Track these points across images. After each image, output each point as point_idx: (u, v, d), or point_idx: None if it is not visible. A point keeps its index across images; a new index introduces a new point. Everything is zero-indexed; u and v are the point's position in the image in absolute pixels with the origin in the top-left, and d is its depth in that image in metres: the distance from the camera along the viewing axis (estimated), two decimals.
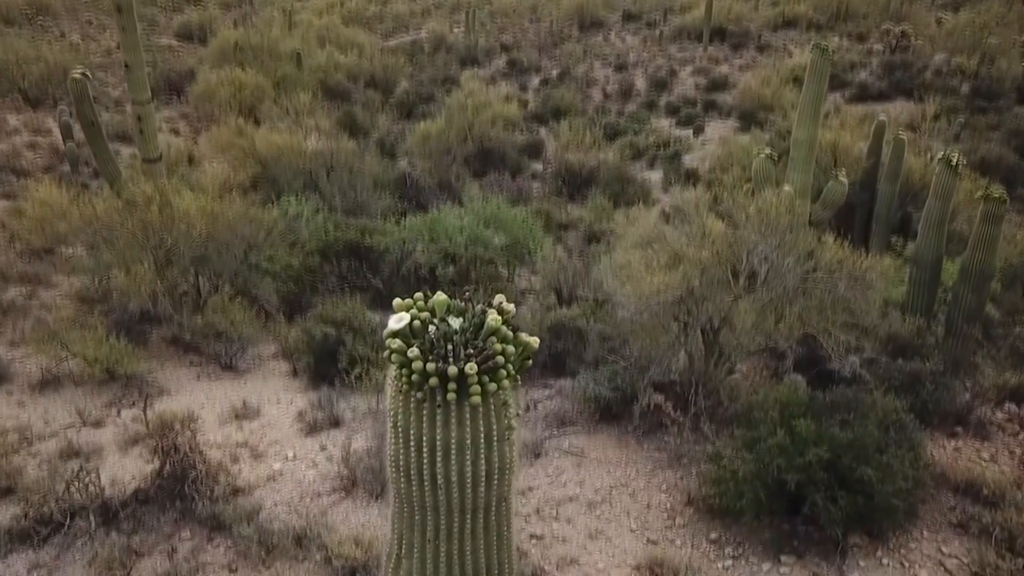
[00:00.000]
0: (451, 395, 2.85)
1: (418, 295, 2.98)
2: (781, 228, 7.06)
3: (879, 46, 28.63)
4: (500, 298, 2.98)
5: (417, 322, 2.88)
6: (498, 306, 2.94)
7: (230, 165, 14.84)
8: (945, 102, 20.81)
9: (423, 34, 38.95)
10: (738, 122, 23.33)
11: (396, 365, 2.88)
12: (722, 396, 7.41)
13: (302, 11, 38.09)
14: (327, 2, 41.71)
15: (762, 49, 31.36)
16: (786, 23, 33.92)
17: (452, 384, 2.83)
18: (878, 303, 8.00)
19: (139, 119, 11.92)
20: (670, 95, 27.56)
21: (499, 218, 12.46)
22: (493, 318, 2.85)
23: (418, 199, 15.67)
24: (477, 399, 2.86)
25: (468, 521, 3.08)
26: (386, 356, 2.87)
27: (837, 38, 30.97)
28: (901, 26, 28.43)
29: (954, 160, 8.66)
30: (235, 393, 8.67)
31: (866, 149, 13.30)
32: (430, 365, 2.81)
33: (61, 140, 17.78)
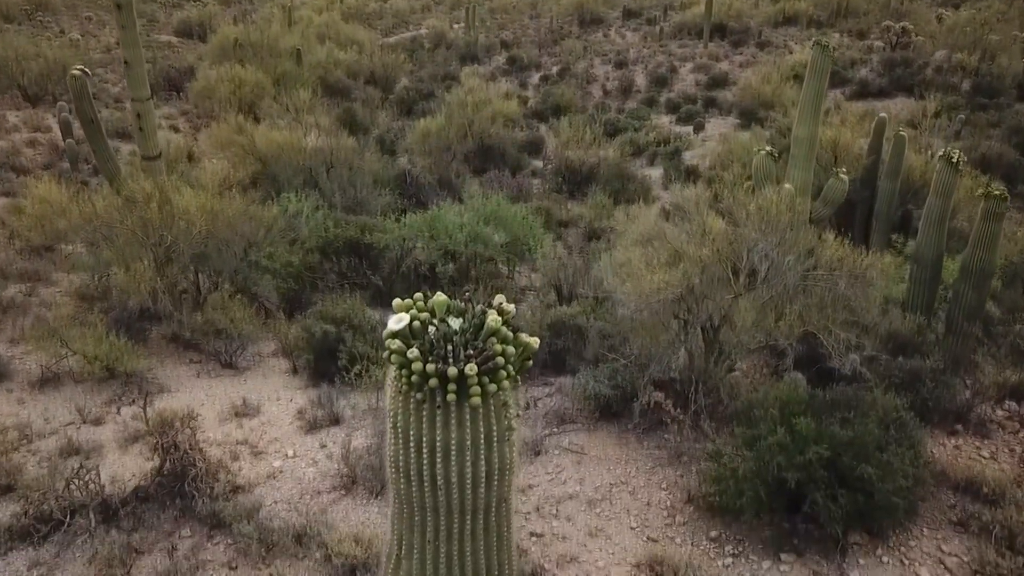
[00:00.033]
0: (451, 396, 2.83)
1: (418, 295, 2.97)
2: (781, 226, 7.05)
3: (880, 43, 28.62)
4: (500, 298, 2.96)
5: (417, 323, 2.86)
6: (498, 307, 2.92)
7: (230, 162, 14.82)
8: (946, 99, 20.80)
9: (423, 31, 38.94)
10: (738, 119, 23.35)
11: (396, 366, 2.86)
12: (722, 394, 7.41)
13: (302, 8, 38.04)
14: None
15: (762, 46, 31.36)
16: (786, 20, 33.92)
17: (452, 385, 2.81)
18: (878, 301, 7.99)
19: (139, 116, 11.91)
20: (670, 92, 27.57)
21: (499, 215, 12.45)
22: (493, 319, 2.83)
23: (418, 196, 15.64)
24: (477, 400, 2.84)
25: (468, 522, 3.06)
26: (386, 357, 2.85)
27: (837, 35, 30.98)
28: (902, 23, 28.43)
29: (955, 157, 8.65)
30: (235, 391, 8.67)
31: (866, 146, 13.29)
32: (430, 366, 2.79)
33: (61, 137, 17.78)
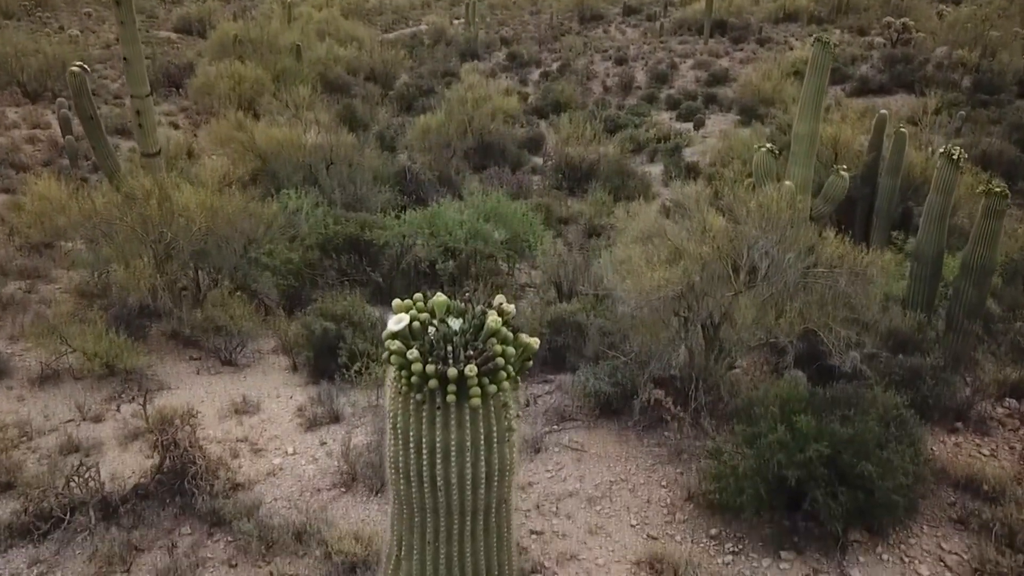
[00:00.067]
0: (451, 397, 2.81)
1: (417, 296, 2.95)
2: (782, 223, 7.04)
3: (880, 39, 28.59)
4: (500, 299, 2.94)
5: (417, 323, 2.84)
6: (498, 307, 2.91)
7: (229, 159, 14.81)
8: (946, 96, 20.76)
9: (423, 27, 38.88)
10: (739, 116, 23.32)
11: (395, 366, 2.85)
12: (722, 392, 7.40)
13: (301, 4, 37.95)
14: None
15: (763, 42, 31.31)
16: (787, 16, 33.87)
17: (452, 386, 2.80)
18: (879, 298, 7.98)
19: (138, 113, 11.90)
20: (670, 88, 27.54)
21: (499, 212, 12.43)
22: (493, 319, 2.81)
23: (418, 193, 15.62)
24: (477, 401, 2.83)
25: (468, 523, 3.05)
26: (385, 358, 2.84)
27: (838, 31, 30.94)
28: (902, 19, 28.39)
29: (955, 155, 8.64)
30: (235, 388, 8.66)
31: (867, 143, 13.28)
32: (430, 367, 2.78)
33: (60, 134, 17.76)
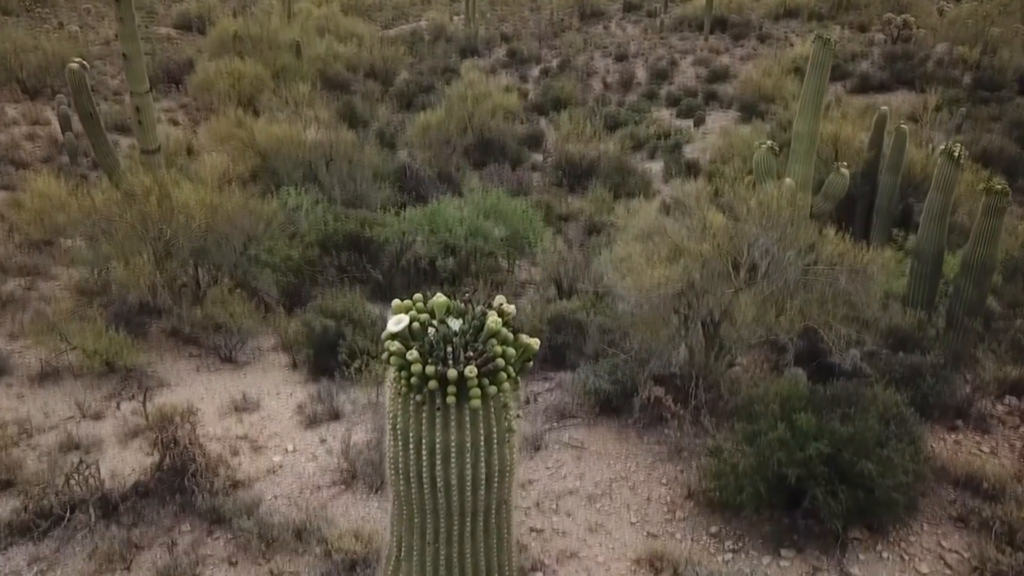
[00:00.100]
0: (451, 398, 2.81)
1: (417, 296, 2.94)
2: (782, 221, 7.03)
3: (881, 36, 28.53)
4: (500, 299, 2.93)
5: (416, 324, 2.83)
6: (498, 307, 2.90)
7: (229, 156, 14.78)
8: (947, 93, 20.71)
9: (423, 24, 38.80)
10: (739, 113, 23.26)
11: (395, 367, 2.84)
12: (722, 389, 7.40)
13: (301, 0, 37.88)
14: None
15: (763, 39, 31.24)
16: (787, 13, 33.78)
17: (452, 387, 2.79)
18: (879, 296, 7.98)
19: (137, 110, 11.88)
20: (671, 85, 27.47)
21: (499, 210, 12.42)
22: (493, 320, 2.81)
23: (418, 190, 15.60)
24: (477, 402, 2.83)
25: (468, 524, 3.05)
26: (385, 359, 2.83)
27: (838, 28, 30.86)
28: (903, 16, 28.32)
29: (956, 152, 8.63)
30: (235, 386, 8.66)
31: (867, 140, 13.27)
32: (429, 368, 2.77)
33: (60, 131, 17.73)
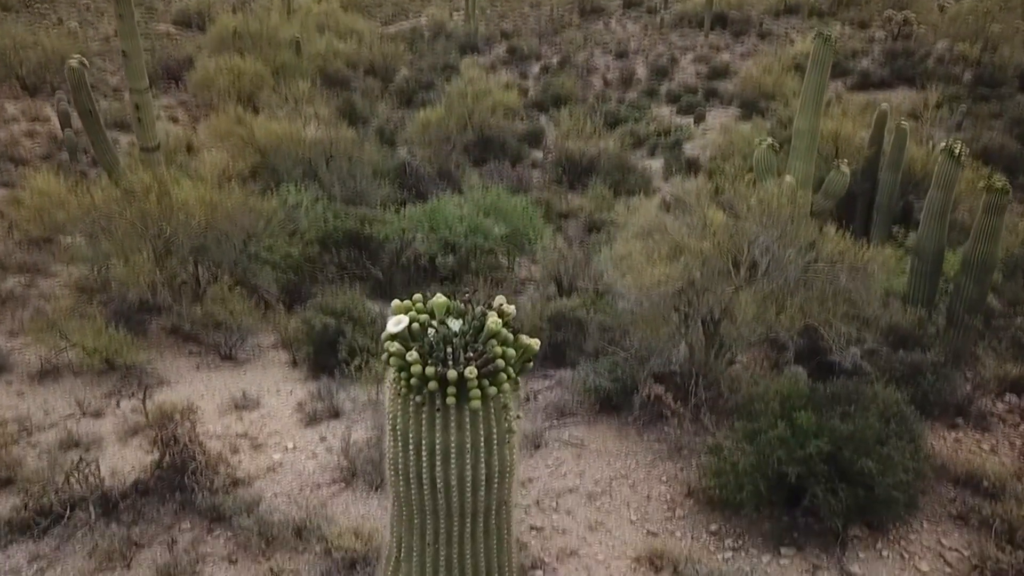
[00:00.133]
0: (451, 399, 2.80)
1: (417, 296, 2.93)
2: (783, 219, 7.03)
3: (881, 33, 28.50)
4: (500, 299, 2.92)
5: (416, 324, 2.82)
6: (498, 308, 2.88)
7: (229, 154, 14.76)
8: (947, 90, 20.69)
9: (423, 21, 38.74)
10: (739, 110, 23.24)
11: (395, 368, 2.83)
12: (722, 387, 7.40)
13: None
14: None
15: (763, 36, 31.22)
16: (788, 10, 33.73)
17: (452, 388, 2.78)
18: (879, 294, 7.97)
19: (137, 107, 11.85)
20: (671, 83, 27.44)
21: (499, 207, 12.41)
22: (493, 320, 2.79)
23: (418, 188, 15.59)
24: (477, 403, 2.81)
25: (468, 525, 3.04)
26: (384, 360, 2.82)
27: (839, 25, 30.81)
28: (903, 13, 28.28)
29: (957, 150, 8.61)
30: (235, 383, 8.66)
31: (868, 138, 13.25)
32: (429, 369, 2.76)
33: (59, 128, 17.71)
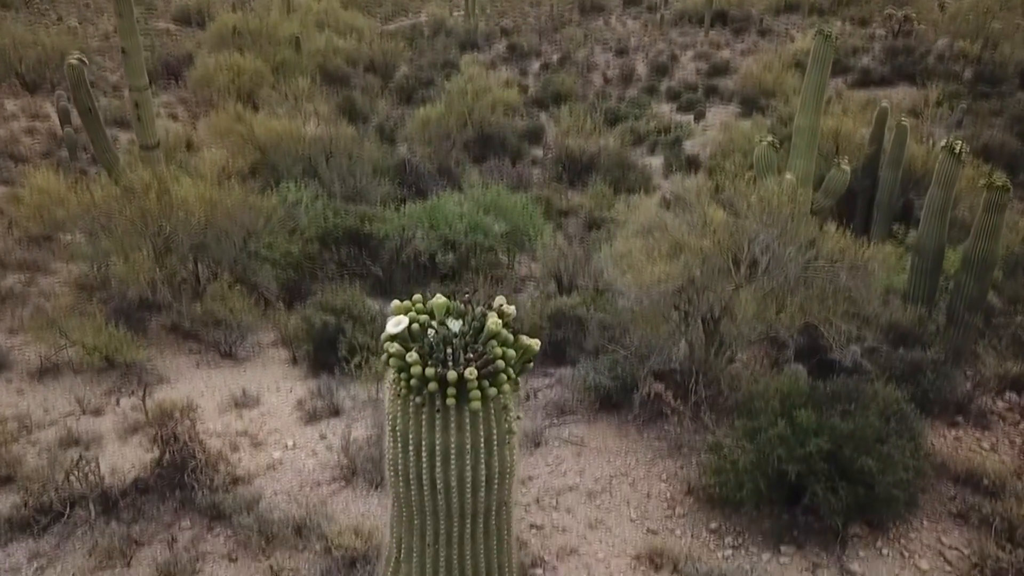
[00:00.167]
0: (451, 400, 2.79)
1: (417, 296, 2.92)
2: (783, 217, 7.01)
3: (881, 31, 28.49)
4: (500, 300, 2.91)
5: (416, 325, 2.81)
6: (498, 308, 2.88)
7: (229, 151, 14.71)
8: (948, 87, 20.68)
9: (423, 18, 38.71)
10: (739, 107, 23.24)
11: (395, 369, 2.82)
12: (723, 385, 7.39)
13: None
14: None
15: (764, 34, 31.21)
16: (788, 7, 33.72)
17: (452, 389, 2.77)
18: (879, 292, 7.97)
19: (136, 105, 11.80)
20: (671, 80, 27.44)
21: (499, 205, 12.40)
22: (493, 321, 2.78)
23: (418, 185, 15.58)
24: (477, 404, 2.81)
25: (468, 525, 3.04)
26: (384, 360, 2.81)
27: (839, 23, 30.80)
28: (904, 10, 28.27)
29: (957, 148, 8.60)
30: (234, 381, 8.65)
31: (868, 136, 13.24)
32: (429, 370, 2.75)
33: (59, 125, 17.69)
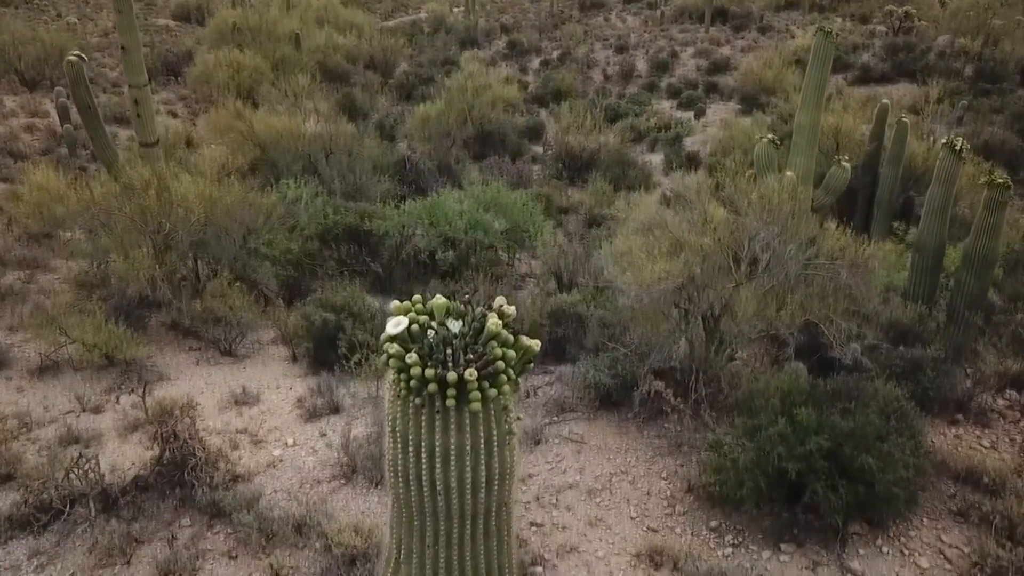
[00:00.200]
0: (450, 401, 2.78)
1: (416, 297, 2.91)
2: (783, 214, 7.01)
3: (882, 27, 28.46)
4: (500, 300, 2.90)
5: (416, 326, 2.80)
6: (498, 309, 2.86)
7: (228, 148, 14.70)
8: (948, 85, 20.66)
9: (422, 15, 38.66)
10: (740, 105, 23.23)
11: (394, 370, 2.81)
12: (723, 383, 7.38)
13: None
14: None
15: (764, 31, 31.18)
16: (788, 4, 33.71)
17: (452, 390, 2.76)
18: (880, 290, 7.96)
19: (136, 102, 11.78)
20: (671, 77, 27.43)
21: (499, 202, 12.39)
22: (493, 322, 2.77)
23: (417, 183, 15.57)
24: (477, 405, 2.79)
25: (468, 526, 3.03)
26: (384, 361, 2.80)
27: (840, 19, 30.76)
28: (904, 7, 28.24)
29: (958, 145, 8.59)
30: (234, 379, 8.65)
31: (868, 133, 13.22)
32: (429, 371, 2.73)
33: (58, 123, 17.68)
